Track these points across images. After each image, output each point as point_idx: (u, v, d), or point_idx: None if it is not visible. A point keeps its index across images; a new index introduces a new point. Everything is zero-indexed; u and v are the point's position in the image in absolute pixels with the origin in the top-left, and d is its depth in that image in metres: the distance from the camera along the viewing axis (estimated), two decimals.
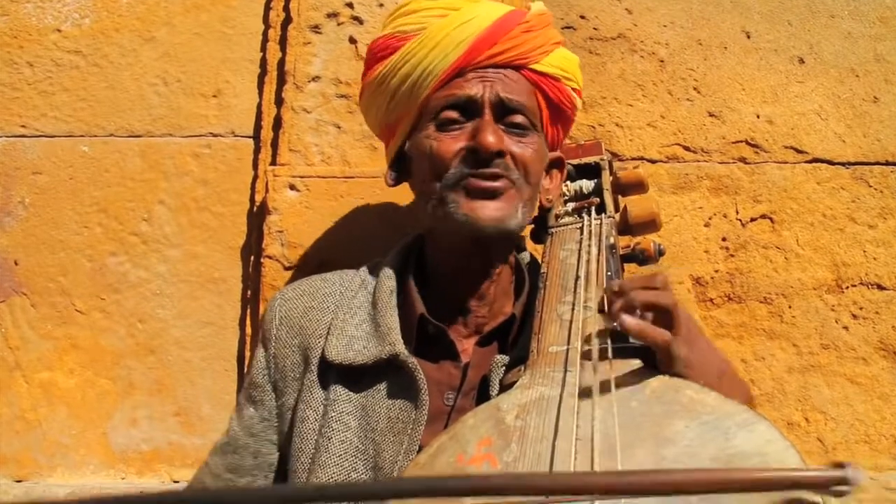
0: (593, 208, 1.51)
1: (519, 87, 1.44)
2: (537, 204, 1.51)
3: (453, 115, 1.42)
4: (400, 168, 1.53)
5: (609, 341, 1.17)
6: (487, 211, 1.39)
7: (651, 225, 1.53)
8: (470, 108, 1.42)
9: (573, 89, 1.52)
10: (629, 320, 1.15)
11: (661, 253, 1.49)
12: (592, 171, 1.60)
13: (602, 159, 1.61)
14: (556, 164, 1.55)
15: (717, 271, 1.93)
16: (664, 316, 1.17)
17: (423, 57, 1.43)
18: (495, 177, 1.39)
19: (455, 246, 1.46)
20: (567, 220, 1.52)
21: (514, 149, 1.41)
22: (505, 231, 1.40)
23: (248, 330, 1.91)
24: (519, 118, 1.43)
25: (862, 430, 1.87)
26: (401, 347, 1.39)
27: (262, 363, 1.52)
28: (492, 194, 1.39)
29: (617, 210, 1.54)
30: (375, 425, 1.38)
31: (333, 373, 1.43)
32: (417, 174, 1.48)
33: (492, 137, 1.38)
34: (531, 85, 1.46)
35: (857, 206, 1.95)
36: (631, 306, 1.16)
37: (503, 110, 1.42)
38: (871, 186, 1.96)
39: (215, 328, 1.96)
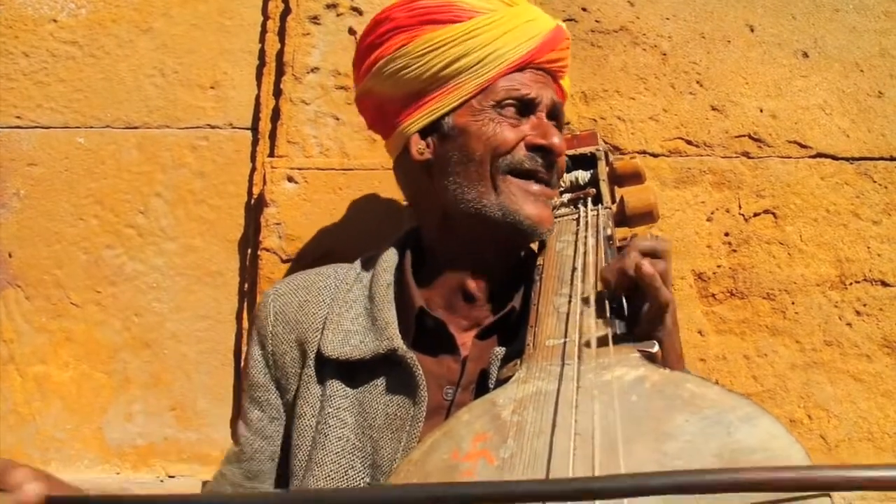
0: (590, 199, 1.49)
1: (559, 95, 1.50)
2: None
3: (513, 105, 1.42)
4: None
5: (608, 332, 1.16)
6: (545, 216, 1.42)
7: (648, 216, 1.51)
8: (528, 105, 1.43)
9: None
10: (648, 267, 1.19)
11: None
12: (588, 162, 1.57)
13: (598, 149, 1.58)
14: None
15: (719, 266, 1.91)
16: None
17: (494, 38, 1.41)
18: (550, 180, 1.44)
19: (479, 237, 1.43)
20: (563, 211, 1.49)
21: None
22: (546, 234, 1.45)
23: (245, 324, 1.89)
24: (557, 125, 1.47)
25: (865, 428, 1.85)
26: (399, 342, 1.37)
27: (261, 362, 1.48)
28: (547, 200, 1.43)
29: (614, 201, 1.53)
30: (373, 422, 1.35)
31: (330, 368, 1.41)
32: (460, 152, 1.41)
33: (559, 140, 1.42)
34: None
35: (861, 201, 1.93)
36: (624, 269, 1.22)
37: (551, 115, 1.46)
38: (875, 182, 1.94)
39: (212, 322, 1.94)
